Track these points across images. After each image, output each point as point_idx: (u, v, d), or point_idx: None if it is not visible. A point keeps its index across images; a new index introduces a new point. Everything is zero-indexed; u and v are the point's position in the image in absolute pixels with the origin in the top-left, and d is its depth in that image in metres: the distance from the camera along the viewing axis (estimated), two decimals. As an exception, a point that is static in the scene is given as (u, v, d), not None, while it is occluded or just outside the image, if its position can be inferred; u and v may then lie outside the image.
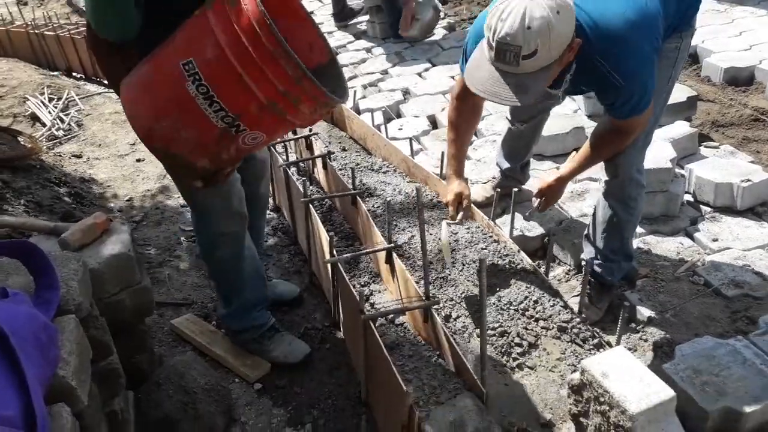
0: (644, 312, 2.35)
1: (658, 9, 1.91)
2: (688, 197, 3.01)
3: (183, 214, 3.48)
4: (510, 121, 2.90)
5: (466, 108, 2.33)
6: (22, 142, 3.57)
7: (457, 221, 2.37)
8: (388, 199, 2.32)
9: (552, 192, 2.42)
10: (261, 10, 1.37)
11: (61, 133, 4.61)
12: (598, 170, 2.44)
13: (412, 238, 2.58)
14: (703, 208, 2.92)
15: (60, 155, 4.25)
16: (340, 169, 3.26)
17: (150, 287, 1.99)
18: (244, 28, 1.38)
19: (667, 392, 1.47)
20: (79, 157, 4.27)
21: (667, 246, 2.70)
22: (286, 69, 1.39)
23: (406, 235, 2.62)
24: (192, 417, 1.93)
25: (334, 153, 3.32)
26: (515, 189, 2.62)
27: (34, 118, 4.84)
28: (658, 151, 2.82)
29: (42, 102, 4.96)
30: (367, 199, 2.97)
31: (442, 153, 3.11)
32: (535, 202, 2.49)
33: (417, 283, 2.14)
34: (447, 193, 2.38)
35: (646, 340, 2.25)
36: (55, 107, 4.91)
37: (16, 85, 5.37)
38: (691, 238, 2.75)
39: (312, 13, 6.42)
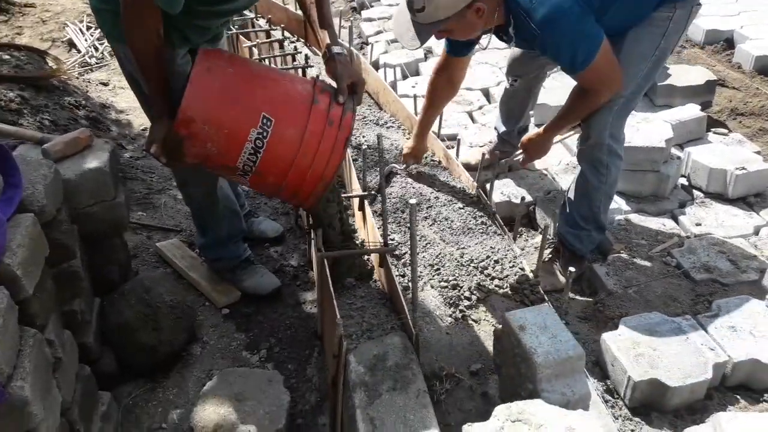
0: (607, 285, 2.37)
1: None
2: (683, 180, 2.97)
3: (191, 148, 3.60)
4: (506, 77, 2.91)
5: (442, 81, 2.58)
6: (49, 63, 3.72)
7: (401, 169, 2.78)
8: (364, 148, 2.38)
9: (533, 145, 2.48)
10: (343, 159, 1.68)
11: (93, 60, 4.78)
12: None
13: (391, 192, 2.64)
14: (696, 192, 2.88)
15: (89, 81, 4.41)
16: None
17: (123, 204, 2.10)
18: (323, 152, 1.63)
19: (576, 350, 1.51)
20: (105, 84, 4.43)
21: (649, 225, 2.69)
22: (318, 188, 1.71)
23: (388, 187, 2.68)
24: (151, 328, 2.06)
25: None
26: (496, 152, 2.64)
27: (71, 44, 5.02)
28: (654, 131, 2.78)
29: (80, 29, 5.13)
30: (365, 149, 3.02)
31: (441, 112, 3.15)
32: (518, 155, 2.58)
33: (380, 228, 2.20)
34: (405, 146, 2.79)
35: (601, 311, 2.28)
36: (92, 35, 5.07)
37: (59, 11, 5.56)
38: (676, 220, 2.73)
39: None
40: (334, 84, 1.77)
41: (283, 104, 1.64)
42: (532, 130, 3.22)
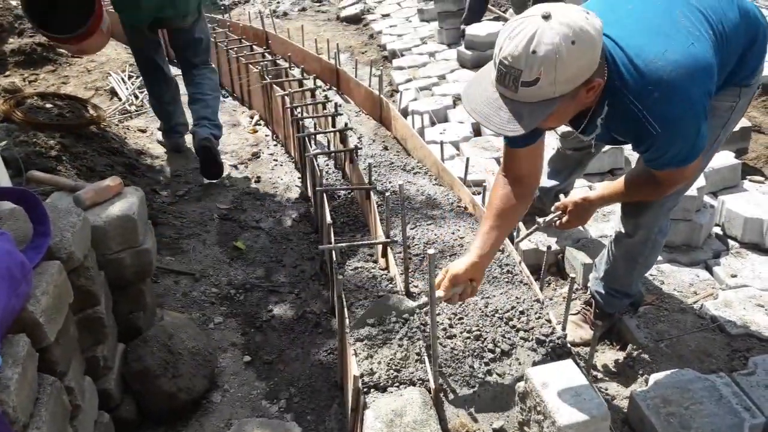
0: (638, 338, 2.29)
1: (708, 52, 1.62)
2: (718, 230, 2.89)
3: (222, 194, 3.67)
4: (560, 144, 2.86)
5: (518, 191, 1.90)
6: (89, 111, 3.87)
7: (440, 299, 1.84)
8: (387, 194, 2.37)
9: (577, 210, 2.10)
10: None
11: (133, 108, 4.95)
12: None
13: (415, 237, 2.63)
14: (731, 242, 2.79)
15: (128, 128, 4.57)
16: (375, 166, 3.35)
17: (151, 250, 2.14)
18: None
19: (600, 410, 1.45)
20: (143, 131, 4.57)
21: (682, 277, 2.61)
22: None
23: (411, 232, 2.67)
24: (171, 375, 2.06)
25: (361, 148, 3.41)
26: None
27: (113, 93, 5.21)
28: (686, 179, 2.72)
29: (122, 78, 5.34)
30: (391, 195, 3.04)
31: (467, 159, 3.15)
32: (553, 215, 2.19)
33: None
34: (451, 270, 1.82)
35: (631, 367, 2.20)
36: (133, 84, 5.27)
37: (104, 61, 5.80)
38: (710, 271, 2.64)
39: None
40: None
41: None
42: (576, 189, 3.10)
